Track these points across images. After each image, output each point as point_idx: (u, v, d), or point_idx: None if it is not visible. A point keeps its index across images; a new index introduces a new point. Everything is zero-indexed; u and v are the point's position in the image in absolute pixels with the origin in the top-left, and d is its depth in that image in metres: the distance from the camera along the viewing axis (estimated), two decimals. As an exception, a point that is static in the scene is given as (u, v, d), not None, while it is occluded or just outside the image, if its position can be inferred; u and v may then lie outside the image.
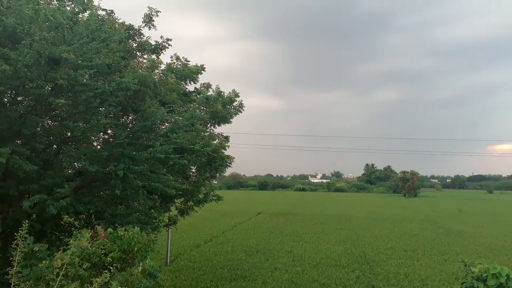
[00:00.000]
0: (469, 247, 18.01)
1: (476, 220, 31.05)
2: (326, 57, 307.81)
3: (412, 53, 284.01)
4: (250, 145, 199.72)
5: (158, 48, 9.64)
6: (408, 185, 78.40)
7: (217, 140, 10.14)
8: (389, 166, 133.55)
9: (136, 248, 5.30)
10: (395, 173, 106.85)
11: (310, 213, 34.06)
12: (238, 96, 10.34)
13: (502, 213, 39.02)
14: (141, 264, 4.99)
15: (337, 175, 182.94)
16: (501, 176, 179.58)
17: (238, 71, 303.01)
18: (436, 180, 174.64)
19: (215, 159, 9.67)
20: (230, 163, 10.28)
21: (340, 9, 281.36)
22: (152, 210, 8.70)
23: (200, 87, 10.59)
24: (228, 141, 10.37)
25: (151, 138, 7.66)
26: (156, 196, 8.84)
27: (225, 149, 10.17)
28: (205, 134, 9.87)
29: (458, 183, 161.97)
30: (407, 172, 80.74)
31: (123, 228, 5.54)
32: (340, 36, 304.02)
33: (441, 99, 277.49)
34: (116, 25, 8.62)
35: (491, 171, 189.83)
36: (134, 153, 6.93)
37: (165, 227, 9.37)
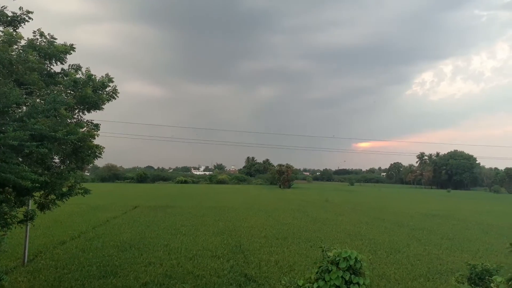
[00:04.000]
0: (331, 233, 19.99)
1: (339, 209, 34.75)
2: (212, 50, 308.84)
3: (291, 54, 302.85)
4: (128, 134, 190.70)
5: (15, 21, 8.39)
6: (284, 177, 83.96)
7: (85, 128, 9.29)
8: (267, 159, 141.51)
9: (-26, 250, 4.54)
10: (273, 166, 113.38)
11: (190, 205, 33.95)
12: (112, 81, 9.58)
13: (360, 202, 44.42)
14: (-22, 268, 4.28)
15: (220, 167, 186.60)
16: (361, 170, 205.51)
17: (117, 55, 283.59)
18: (308, 173, 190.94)
19: (81, 148, 8.83)
20: (100, 153, 9.49)
21: (229, 3, 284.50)
22: (3, 205, 7.57)
23: (68, 69, 9.54)
24: (98, 129, 9.56)
25: (2, 123, 6.65)
26: (9, 189, 7.73)
27: (95, 138, 9.39)
28: (72, 120, 8.97)
29: (326, 175, 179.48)
30: (283, 165, 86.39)
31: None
32: (227, 31, 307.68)
33: (315, 99, 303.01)
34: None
35: (353, 165, 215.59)
36: (-22, 139, 5.93)
37: (20, 224, 8.23)
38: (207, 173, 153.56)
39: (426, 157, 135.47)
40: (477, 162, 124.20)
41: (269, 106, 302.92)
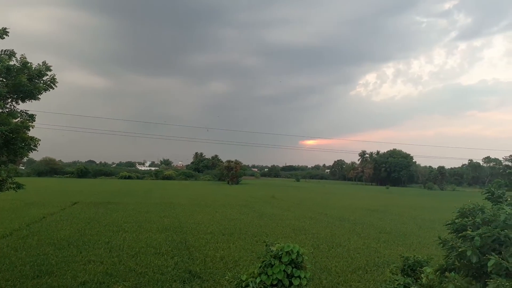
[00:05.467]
0: (277, 228, 20.34)
1: (285, 204, 35.45)
2: (161, 41, 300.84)
3: (243, 50, 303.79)
4: (68, 127, 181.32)
5: None
6: (232, 173, 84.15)
7: (18, 119, 8.65)
8: (216, 155, 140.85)
9: None
10: (222, 161, 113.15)
11: (133, 201, 32.94)
12: (50, 70, 9.00)
13: (305, 198, 45.61)
14: None
15: (166, 163, 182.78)
16: (307, 167, 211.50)
17: (57, 42, 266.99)
18: (256, 169, 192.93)
19: (14, 140, 8.22)
20: (35, 145, 8.90)
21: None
22: None
23: (0, 54, 8.85)
24: (34, 120, 8.95)
25: None
26: None
27: (29, 130, 8.77)
28: (4, 110, 8.33)
29: (274, 172, 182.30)
30: (232, 161, 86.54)
31: None
32: (176, 21, 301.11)
33: (265, 96, 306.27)
34: None
35: (300, 162, 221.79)
36: None
37: None
38: (153, 168, 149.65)
39: (367, 155, 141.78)
40: (413, 160, 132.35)
41: (220, 102, 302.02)
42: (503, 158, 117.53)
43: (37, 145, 8.93)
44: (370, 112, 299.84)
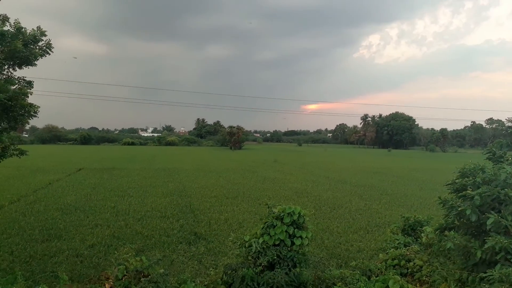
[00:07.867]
0: (280, 191, 20.62)
1: (287, 168, 35.75)
2: (156, 4, 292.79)
3: (241, 12, 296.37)
4: (69, 94, 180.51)
5: None
6: (234, 138, 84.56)
7: (16, 86, 8.55)
8: (218, 121, 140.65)
9: None
10: (224, 127, 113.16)
11: (137, 167, 33.29)
12: (45, 35, 8.78)
13: (307, 162, 45.91)
14: None
15: (169, 129, 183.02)
16: (309, 131, 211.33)
17: (52, 6, 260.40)
18: (258, 134, 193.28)
19: (13, 107, 8.16)
20: (35, 112, 8.86)
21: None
22: None
23: (-6, 20, 8.61)
24: (32, 87, 8.85)
25: None
26: None
27: (28, 96, 8.68)
28: (1, 77, 8.22)
29: (276, 137, 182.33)
30: (234, 127, 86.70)
31: None
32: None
33: (266, 59, 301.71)
34: None
35: (302, 127, 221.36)
36: None
37: None
38: (155, 134, 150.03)
39: (369, 119, 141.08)
40: (415, 123, 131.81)
41: (220, 66, 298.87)
42: (506, 119, 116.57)
43: (37, 111, 8.86)
44: (373, 75, 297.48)
